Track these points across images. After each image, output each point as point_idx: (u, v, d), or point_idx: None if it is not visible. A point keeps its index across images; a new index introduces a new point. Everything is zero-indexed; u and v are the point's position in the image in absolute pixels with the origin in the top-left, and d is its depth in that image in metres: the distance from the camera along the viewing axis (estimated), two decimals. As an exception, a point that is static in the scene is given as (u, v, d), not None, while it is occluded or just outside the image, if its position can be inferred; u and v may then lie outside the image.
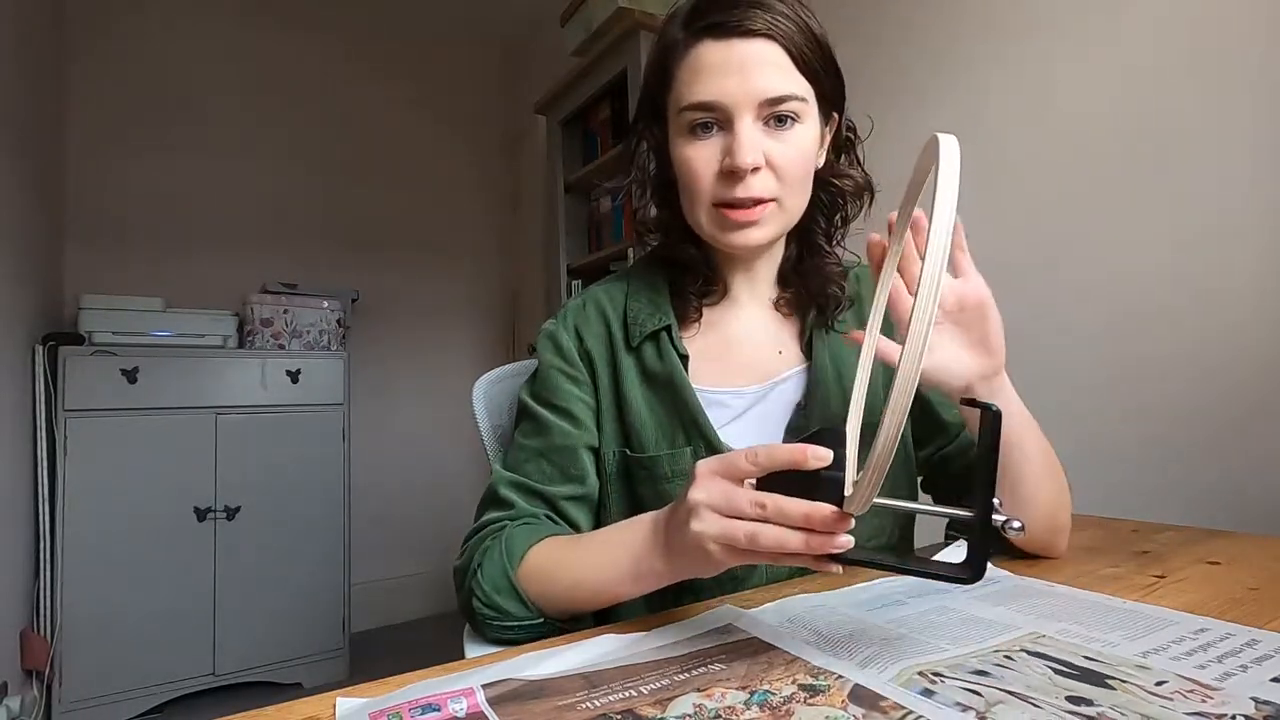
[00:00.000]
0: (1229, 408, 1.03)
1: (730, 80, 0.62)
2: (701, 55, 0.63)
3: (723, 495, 0.45)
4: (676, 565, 0.51)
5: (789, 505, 0.42)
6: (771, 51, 0.62)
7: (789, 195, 0.66)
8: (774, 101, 0.62)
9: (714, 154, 0.64)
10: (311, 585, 2.21)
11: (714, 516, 0.45)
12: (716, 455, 0.48)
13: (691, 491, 0.47)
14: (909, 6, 1.50)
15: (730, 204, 0.65)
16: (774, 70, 0.62)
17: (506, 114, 3.18)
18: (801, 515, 0.42)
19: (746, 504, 0.44)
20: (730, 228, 0.66)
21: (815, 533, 0.42)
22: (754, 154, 0.62)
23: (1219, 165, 1.04)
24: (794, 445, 0.43)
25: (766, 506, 0.43)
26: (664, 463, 0.69)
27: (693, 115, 0.64)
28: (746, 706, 0.39)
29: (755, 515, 0.43)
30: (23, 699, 1.73)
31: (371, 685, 0.44)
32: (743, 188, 0.63)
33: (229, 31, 2.57)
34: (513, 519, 0.68)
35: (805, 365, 0.74)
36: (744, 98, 0.62)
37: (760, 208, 0.65)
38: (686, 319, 0.74)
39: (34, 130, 1.96)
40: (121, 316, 2.04)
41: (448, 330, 3.02)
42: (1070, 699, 0.38)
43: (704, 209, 0.66)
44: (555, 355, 0.73)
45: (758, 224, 0.65)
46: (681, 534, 0.48)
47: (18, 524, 1.79)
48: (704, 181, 0.65)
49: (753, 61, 0.62)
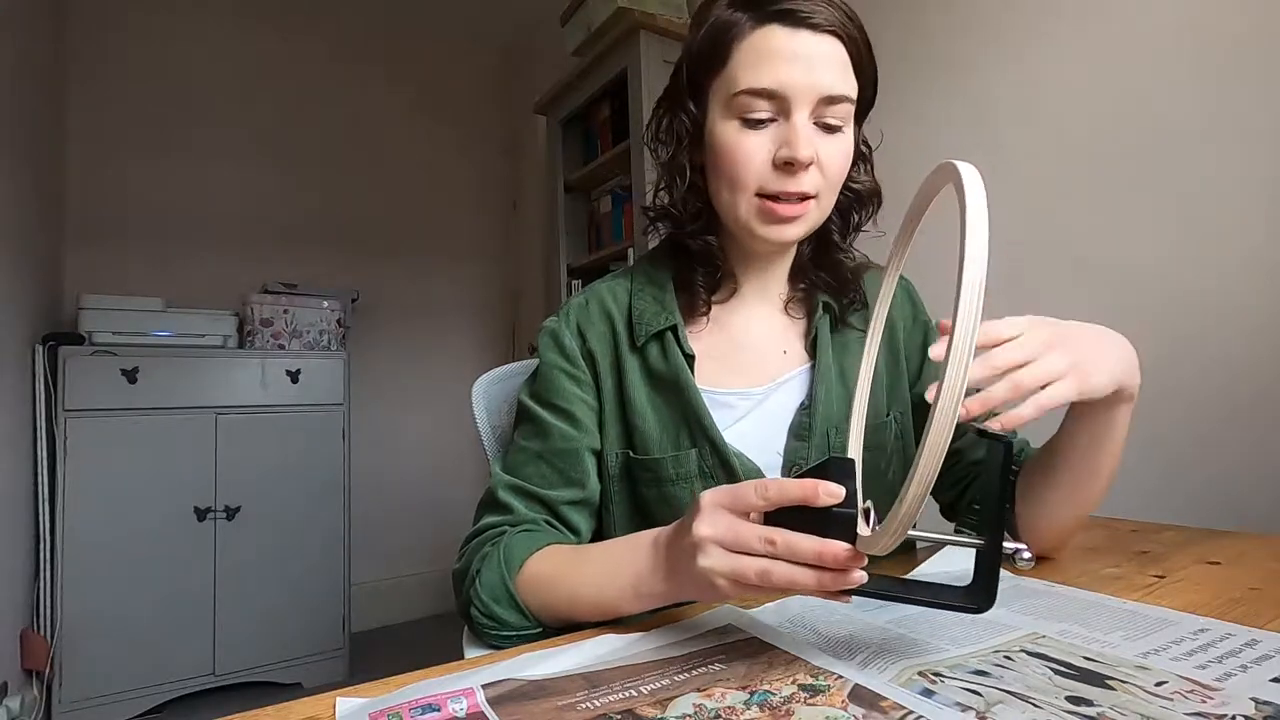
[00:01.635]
0: (1229, 408, 1.03)
1: (796, 69, 0.60)
2: (769, 39, 0.61)
3: (730, 530, 0.44)
4: (680, 590, 0.51)
5: (800, 543, 0.41)
6: (837, 49, 0.62)
7: (827, 194, 0.66)
8: (831, 100, 0.62)
9: (765, 143, 0.63)
10: (311, 585, 2.21)
11: (721, 552, 0.45)
12: (723, 486, 0.47)
13: (697, 525, 0.46)
14: (909, 7, 1.50)
15: (776, 196, 0.63)
16: (838, 68, 0.62)
17: (506, 114, 3.18)
18: (814, 554, 0.41)
19: (755, 540, 0.43)
20: (772, 220, 0.65)
21: (828, 570, 0.41)
22: (810, 148, 0.61)
23: (1218, 165, 1.05)
24: (805, 481, 0.42)
25: (776, 543, 0.42)
26: (668, 465, 0.68)
27: (749, 100, 0.62)
28: (746, 706, 0.39)
29: (764, 551, 0.43)
30: (23, 699, 1.73)
31: (371, 685, 0.44)
32: (794, 181, 0.62)
33: (229, 32, 2.57)
34: (512, 524, 0.67)
35: (809, 365, 0.73)
36: (806, 90, 0.61)
37: (805, 203, 0.64)
38: (695, 315, 0.73)
39: (35, 130, 1.95)
40: (121, 316, 2.04)
41: (448, 330, 3.02)
42: (1070, 699, 0.38)
43: (746, 198, 0.64)
44: (557, 354, 0.72)
45: (797, 220, 0.65)
46: (688, 565, 0.47)
47: (18, 524, 1.79)
48: (751, 170, 0.63)
49: (819, 56, 0.61)
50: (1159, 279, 1.11)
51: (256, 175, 2.60)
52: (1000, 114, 1.34)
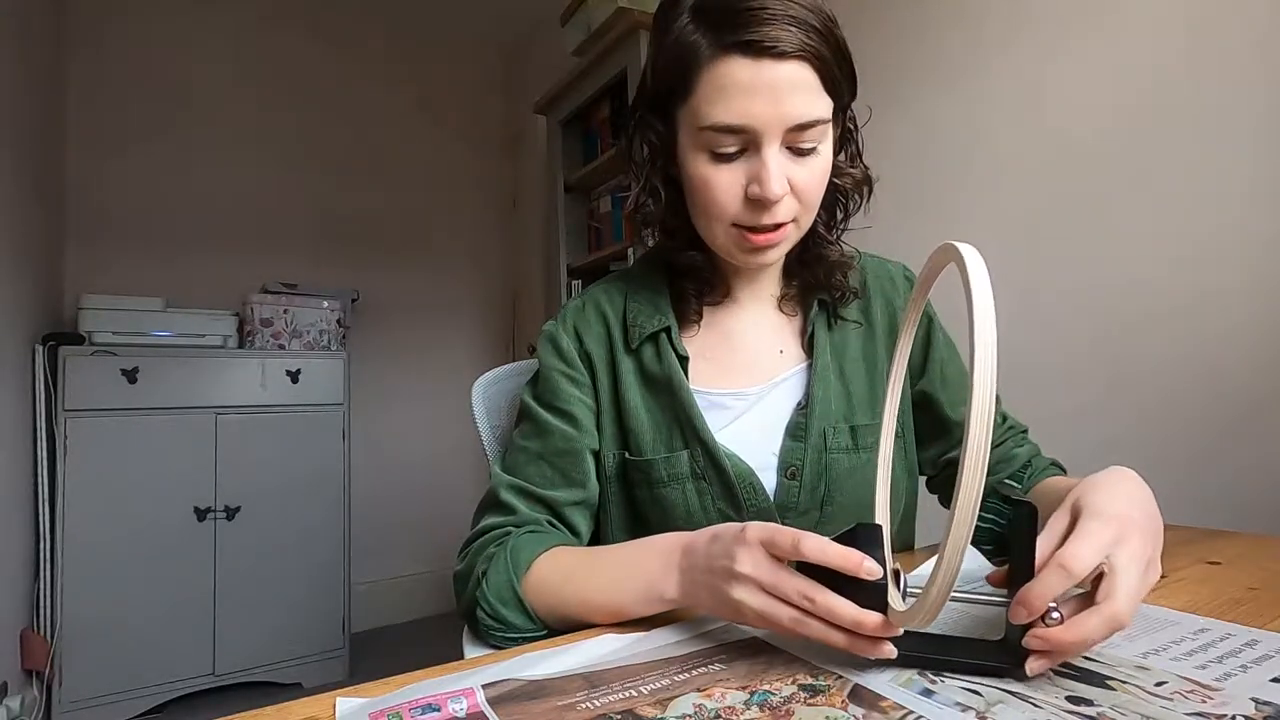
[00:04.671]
0: (1229, 408, 1.03)
1: (760, 102, 0.58)
2: (731, 73, 0.58)
3: (772, 576, 0.45)
4: (696, 604, 0.52)
5: (839, 608, 0.42)
6: (803, 74, 0.58)
7: (806, 214, 0.65)
8: (802, 127, 0.59)
9: (737, 178, 0.61)
10: (311, 585, 2.21)
11: (758, 592, 0.45)
12: (768, 525, 0.47)
13: (740, 559, 0.46)
14: (904, 5, 1.50)
15: (752, 228, 0.63)
16: (804, 94, 0.59)
17: (506, 114, 3.18)
18: (851, 620, 0.41)
19: (794, 594, 0.44)
20: (749, 249, 0.65)
21: (860, 637, 0.42)
22: (781, 183, 0.60)
23: (1217, 166, 1.04)
24: (846, 551, 0.42)
25: (816, 602, 0.43)
26: (659, 466, 0.68)
27: (716, 136, 0.60)
28: (746, 707, 0.39)
29: (800, 605, 0.44)
30: (23, 699, 1.73)
31: (371, 685, 0.44)
32: (768, 215, 0.62)
33: (229, 31, 2.57)
34: (515, 525, 0.67)
35: (806, 363, 0.73)
36: (773, 122, 0.59)
37: (782, 230, 0.64)
38: (686, 320, 0.73)
39: (34, 130, 1.95)
40: (121, 316, 2.04)
41: (448, 330, 3.02)
42: (1070, 699, 0.38)
43: (722, 228, 0.64)
44: (555, 357, 0.73)
45: (777, 245, 0.65)
46: (716, 588, 0.48)
47: (18, 524, 1.79)
48: (725, 204, 0.62)
49: (783, 85, 0.58)
50: (1160, 281, 1.11)
51: (257, 175, 2.59)
52: (999, 114, 1.34)
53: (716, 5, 0.59)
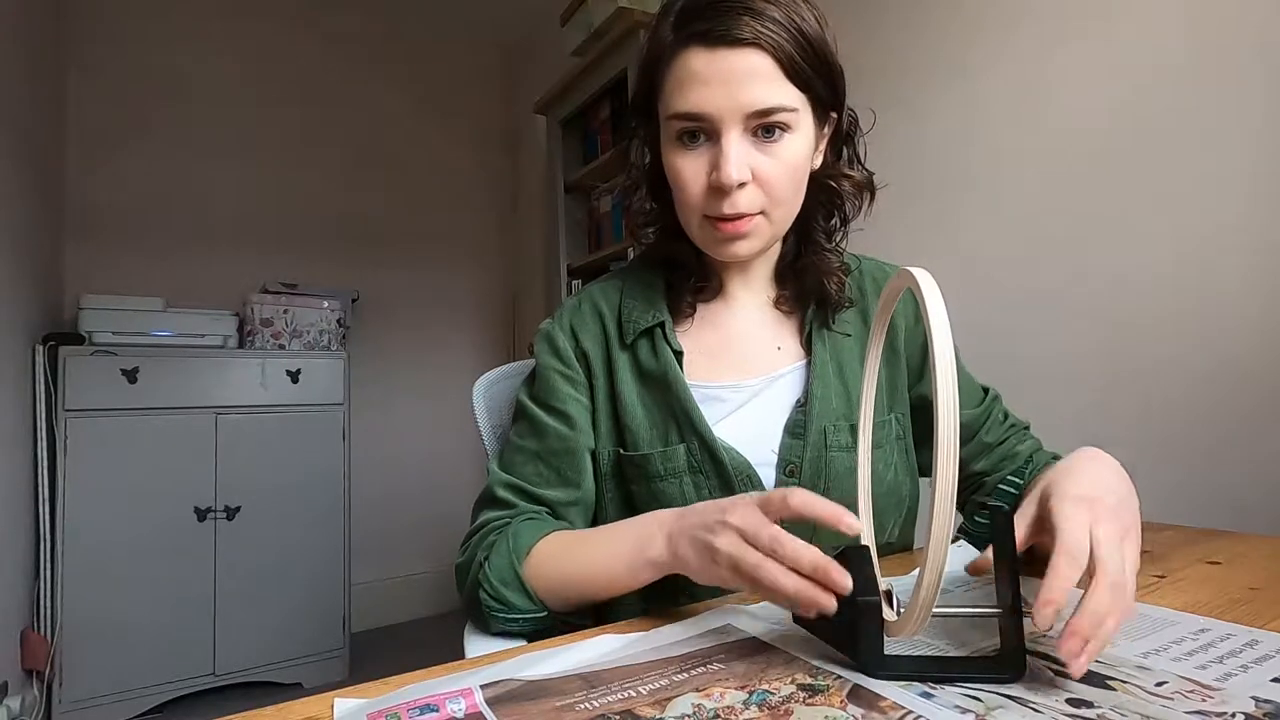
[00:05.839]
0: (1229, 408, 1.03)
1: (716, 91, 0.60)
2: (688, 63, 0.61)
3: (754, 527, 0.47)
4: (675, 559, 0.53)
5: (803, 553, 0.45)
6: (760, 62, 0.60)
7: (775, 208, 0.65)
8: (762, 114, 0.60)
9: (702, 166, 0.63)
10: (311, 585, 2.21)
11: (736, 539, 0.48)
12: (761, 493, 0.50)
13: (731, 513, 0.49)
14: (904, 5, 1.49)
15: (718, 217, 0.64)
16: (762, 82, 0.60)
17: (506, 114, 3.18)
18: (810, 565, 0.44)
19: (766, 539, 0.46)
20: (719, 239, 0.66)
21: (810, 582, 0.44)
22: (740, 170, 0.61)
23: (1217, 167, 1.04)
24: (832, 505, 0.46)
25: (784, 547, 0.45)
26: (656, 461, 0.68)
27: (680, 124, 0.63)
28: (745, 706, 0.39)
29: (769, 550, 0.46)
30: (23, 699, 1.73)
31: (371, 685, 0.44)
32: (729, 204, 0.63)
33: (229, 31, 2.57)
34: (515, 515, 0.68)
35: (804, 361, 0.73)
36: (730, 110, 0.60)
37: (746, 221, 0.64)
38: (680, 314, 0.74)
39: (34, 130, 1.95)
40: (121, 316, 2.04)
41: (448, 330, 3.02)
42: (1070, 700, 0.38)
43: (696, 219, 0.66)
44: (552, 356, 0.73)
45: (745, 237, 0.65)
46: (700, 538, 0.50)
47: (18, 524, 1.79)
48: (693, 193, 0.64)
49: (740, 73, 0.59)
50: (1160, 280, 1.11)
51: (256, 175, 2.59)
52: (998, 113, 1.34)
53: (685, 7, 0.63)
